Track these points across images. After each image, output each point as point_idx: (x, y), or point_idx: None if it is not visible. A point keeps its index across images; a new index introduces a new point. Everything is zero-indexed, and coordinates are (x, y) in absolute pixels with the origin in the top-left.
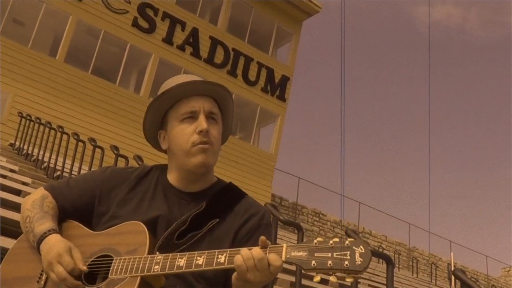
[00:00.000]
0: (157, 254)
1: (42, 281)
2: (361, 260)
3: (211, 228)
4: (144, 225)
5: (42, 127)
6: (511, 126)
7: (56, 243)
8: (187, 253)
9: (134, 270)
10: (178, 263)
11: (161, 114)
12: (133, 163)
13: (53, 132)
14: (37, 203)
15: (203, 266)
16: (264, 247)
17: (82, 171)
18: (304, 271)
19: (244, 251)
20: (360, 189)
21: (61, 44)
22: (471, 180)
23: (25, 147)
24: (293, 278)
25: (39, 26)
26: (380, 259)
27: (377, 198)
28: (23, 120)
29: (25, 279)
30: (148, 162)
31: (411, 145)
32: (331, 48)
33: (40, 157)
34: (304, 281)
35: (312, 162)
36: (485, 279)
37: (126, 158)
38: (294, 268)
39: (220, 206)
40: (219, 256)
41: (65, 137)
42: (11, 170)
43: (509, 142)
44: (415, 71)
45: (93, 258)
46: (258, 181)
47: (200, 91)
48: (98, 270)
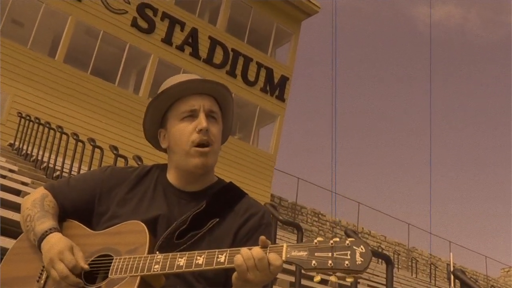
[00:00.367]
0: (157, 254)
1: (42, 280)
2: (362, 260)
3: (211, 228)
4: (144, 225)
5: (42, 127)
6: (511, 126)
7: (58, 241)
8: (187, 253)
9: (134, 270)
10: (178, 263)
11: (161, 113)
12: (133, 163)
13: (53, 132)
14: (38, 202)
15: (203, 266)
16: (264, 247)
17: (82, 171)
18: (305, 271)
19: (244, 251)
20: (360, 189)
21: (60, 45)
22: (471, 180)
23: (25, 147)
24: (293, 278)
25: (38, 27)
26: (380, 259)
27: (376, 198)
28: (23, 120)
29: (25, 279)
30: (148, 162)
31: (411, 145)
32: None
33: (40, 157)
34: (304, 281)
35: (312, 162)
36: (485, 280)
37: (126, 158)
38: (294, 268)
39: (220, 206)
40: (219, 256)
41: (65, 137)
42: (11, 170)
43: (509, 142)
44: (415, 71)
45: (93, 258)
46: (258, 181)
47: (200, 90)
48: (98, 270)
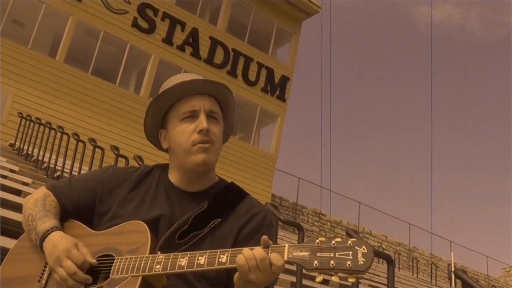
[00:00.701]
0: (159, 254)
1: (43, 280)
2: (364, 260)
3: (213, 228)
4: (146, 225)
5: (42, 128)
6: (511, 126)
7: (61, 239)
8: (189, 253)
9: (136, 270)
10: (180, 263)
11: (162, 113)
12: (133, 163)
13: (53, 133)
14: (39, 202)
15: (205, 266)
16: (266, 247)
17: (82, 172)
18: (306, 271)
19: (246, 251)
20: (361, 189)
21: (61, 45)
22: (471, 180)
23: (25, 148)
24: (294, 278)
25: (39, 27)
26: (381, 259)
27: (377, 198)
28: (23, 121)
29: (26, 279)
30: (148, 162)
31: (412, 145)
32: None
33: (40, 158)
34: (305, 281)
35: (312, 162)
36: (485, 279)
37: (126, 158)
38: (295, 268)
39: (222, 206)
40: (221, 256)
41: (65, 138)
42: (11, 171)
43: (509, 142)
44: (416, 71)
45: (95, 258)
46: (258, 181)
47: (201, 90)
48: (100, 270)
